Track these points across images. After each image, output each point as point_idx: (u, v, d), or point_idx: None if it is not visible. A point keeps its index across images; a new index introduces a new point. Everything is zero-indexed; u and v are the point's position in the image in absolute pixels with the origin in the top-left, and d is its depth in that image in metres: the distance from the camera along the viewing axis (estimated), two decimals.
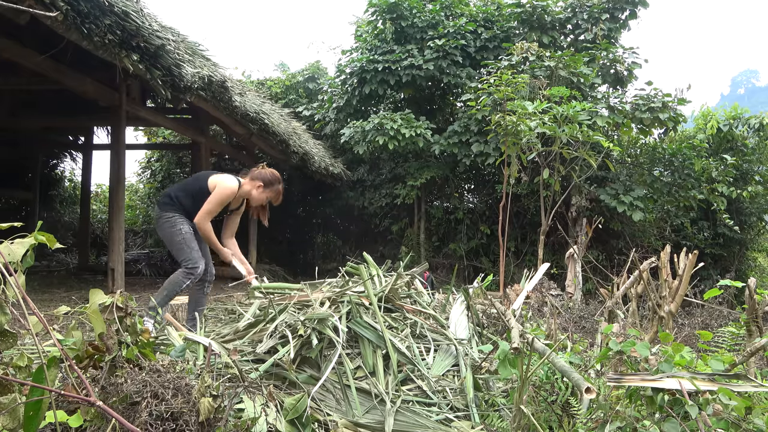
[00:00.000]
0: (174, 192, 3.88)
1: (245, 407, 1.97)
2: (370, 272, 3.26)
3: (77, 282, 7.69)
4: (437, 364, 2.73)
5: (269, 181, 3.84)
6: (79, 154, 10.90)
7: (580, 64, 8.00)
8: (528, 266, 8.08)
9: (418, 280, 3.75)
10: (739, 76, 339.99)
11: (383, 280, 3.26)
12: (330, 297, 2.87)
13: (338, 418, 2.22)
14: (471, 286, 4.40)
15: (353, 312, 2.72)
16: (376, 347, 2.62)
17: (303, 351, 2.51)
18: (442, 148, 9.07)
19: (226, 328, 3.11)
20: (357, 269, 3.20)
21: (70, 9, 3.84)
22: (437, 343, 2.90)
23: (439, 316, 3.21)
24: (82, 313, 1.89)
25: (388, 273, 3.48)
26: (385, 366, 2.56)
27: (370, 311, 2.80)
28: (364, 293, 2.92)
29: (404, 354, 2.62)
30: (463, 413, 2.39)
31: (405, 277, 3.38)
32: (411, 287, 3.55)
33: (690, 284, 4.47)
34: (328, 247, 12.03)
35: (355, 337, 2.68)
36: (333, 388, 2.37)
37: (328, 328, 2.53)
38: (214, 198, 3.70)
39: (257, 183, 3.83)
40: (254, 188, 3.84)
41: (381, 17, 9.80)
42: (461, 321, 3.28)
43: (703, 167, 8.50)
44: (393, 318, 2.98)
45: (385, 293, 3.01)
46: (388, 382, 2.45)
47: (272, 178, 3.85)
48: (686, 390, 1.67)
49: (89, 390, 1.36)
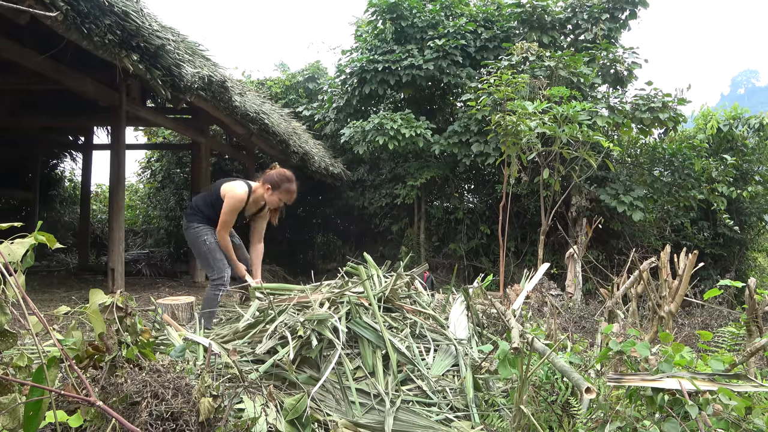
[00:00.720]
0: (196, 201, 3.97)
1: (245, 407, 1.97)
2: (369, 273, 3.26)
3: (77, 282, 7.69)
4: (437, 364, 2.73)
5: (276, 183, 3.81)
6: (79, 154, 10.90)
7: (580, 64, 8.00)
8: (528, 266, 8.08)
9: (418, 280, 3.75)
10: (739, 76, 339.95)
11: (383, 281, 3.26)
12: (329, 298, 2.87)
13: (338, 418, 2.22)
14: (471, 286, 4.40)
15: (353, 312, 2.72)
16: (375, 347, 2.62)
17: (303, 351, 2.51)
18: (442, 148, 9.07)
19: (226, 328, 3.11)
20: (356, 269, 3.20)
21: (70, 9, 3.84)
22: (437, 343, 2.90)
23: (439, 316, 3.21)
24: (82, 313, 1.89)
25: (388, 273, 3.48)
26: (385, 366, 2.56)
27: (370, 311, 2.80)
28: (364, 294, 2.92)
29: (404, 354, 2.62)
30: (463, 413, 2.39)
31: (405, 278, 3.38)
32: (411, 287, 3.55)
33: (690, 284, 4.47)
34: (328, 247, 12.03)
35: (355, 338, 2.68)
36: (333, 389, 2.38)
37: (327, 329, 2.53)
38: (225, 208, 3.76)
39: (266, 186, 3.84)
40: (265, 191, 3.85)
41: (381, 17, 9.80)
42: (461, 321, 3.28)
43: (703, 167, 8.50)
44: (393, 318, 2.98)
45: (385, 294, 3.01)
46: (387, 382, 2.45)
47: (279, 178, 3.82)
48: (686, 390, 1.67)
49: (89, 390, 1.36)
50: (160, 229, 12.28)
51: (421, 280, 3.85)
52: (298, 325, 2.57)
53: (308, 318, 2.57)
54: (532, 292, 5.03)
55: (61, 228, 11.36)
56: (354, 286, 3.06)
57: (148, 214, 13.27)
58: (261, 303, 3.13)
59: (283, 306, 2.88)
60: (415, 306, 3.22)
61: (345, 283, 3.18)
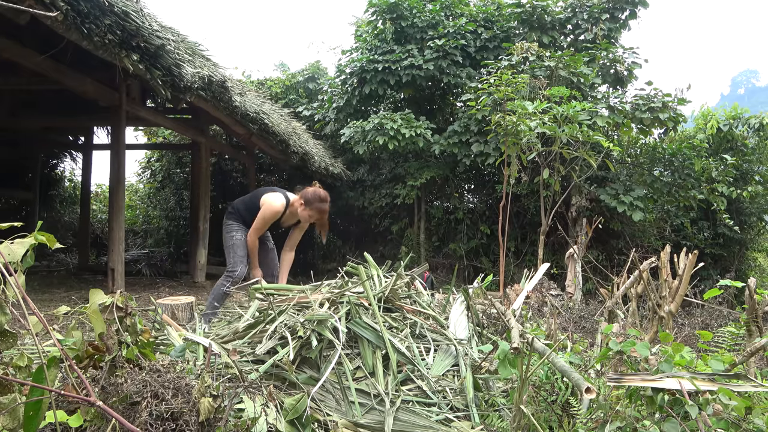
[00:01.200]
0: (237, 204, 4.22)
1: (245, 407, 1.97)
2: (369, 273, 3.26)
3: (77, 282, 7.69)
4: (437, 364, 2.72)
5: (309, 200, 3.96)
6: (79, 154, 10.91)
7: (580, 64, 8.00)
8: (528, 266, 8.07)
9: (419, 281, 3.74)
10: (739, 76, 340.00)
11: (383, 281, 3.25)
12: (329, 298, 2.87)
13: (338, 418, 2.22)
14: (471, 286, 4.40)
15: (352, 313, 2.72)
16: (375, 347, 2.62)
17: (303, 352, 2.51)
18: (442, 148, 9.07)
19: (226, 329, 3.11)
20: (356, 269, 3.21)
21: (70, 9, 3.84)
22: (437, 343, 2.90)
23: (439, 316, 3.21)
24: (82, 313, 1.89)
25: (388, 273, 3.48)
26: (385, 366, 2.56)
27: (370, 312, 2.80)
28: (364, 294, 2.92)
29: (404, 354, 2.62)
30: (463, 413, 2.39)
31: (405, 278, 3.38)
32: (411, 288, 3.55)
33: (690, 284, 4.48)
34: (328, 247, 12.02)
35: (355, 338, 2.68)
36: (333, 389, 2.38)
37: (327, 329, 2.53)
38: (259, 216, 3.98)
39: (300, 200, 4.00)
40: (299, 206, 4.01)
41: (381, 17, 9.80)
42: (461, 321, 3.28)
43: (703, 167, 8.50)
44: (393, 318, 2.98)
45: (384, 294, 3.01)
46: (387, 383, 2.45)
47: (313, 197, 3.96)
48: (686, 390, 1.67)
49: (89, 390, 1.36)
50: (160, 229, 12.29)
51: (421, 280, 3.85)
52: (297, 325, 2.56)
53: (308, 318, 2.57)
54: (532, 292, 5.03)
55: (61, 228, 11.36)
56: (354, 287, 3.06)
57: (148, 214, 13.27)
58: (261, 303, 3.13)
59: (283, 306, 2.88)
60: (415, 306, 3.22)
61: (345, 284, 3.19)
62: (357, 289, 3.03)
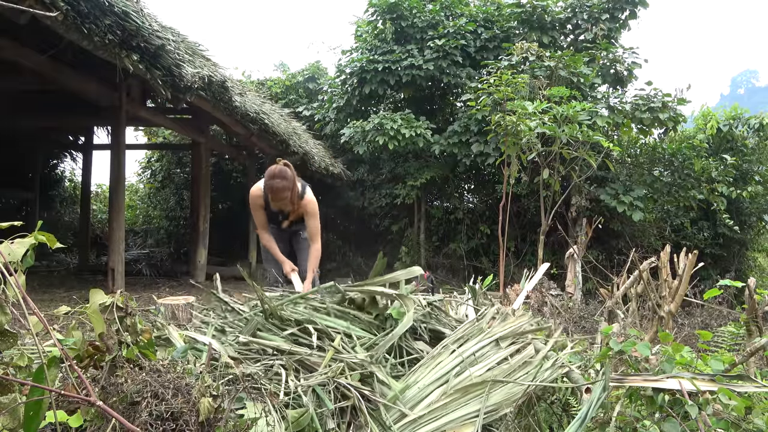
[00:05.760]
0: None
1: (246, 410, 1.97)
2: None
3: (77, 282, 7.69)
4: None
5: (264, 181, 3.56)
6: (79, 154, 10.90)
7: (580, 64, 8.00)
8: (528, 266, 8.07)
9: (418, 281, 3.72)
10: (739, 76, 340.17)
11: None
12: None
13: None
14: (473, 286, 4.39)
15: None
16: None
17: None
18: (442, 148, 9.07)
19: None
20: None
21: (70, 9, 3.84)
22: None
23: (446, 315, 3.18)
24: (82, 313, 1.89)
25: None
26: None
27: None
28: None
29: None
30: None
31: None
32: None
33: (690, 284, 4.47)
34: (328, 247, 12.03)
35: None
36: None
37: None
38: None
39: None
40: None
41: (381, 17, 9.80)
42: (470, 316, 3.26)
43: (703, 167, 8.50)
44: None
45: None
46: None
47: (265, 175, 3.53)
48: (686, 390, 1.67)
49: (89, 390, 1.36)
50: (160, 229, 12.29)
51: (425, 281, 3.83)
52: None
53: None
54: (532, 292, 5.03)
55: (61, 228, 11.35)
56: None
57: (148, 214, 13.27)
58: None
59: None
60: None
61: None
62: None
